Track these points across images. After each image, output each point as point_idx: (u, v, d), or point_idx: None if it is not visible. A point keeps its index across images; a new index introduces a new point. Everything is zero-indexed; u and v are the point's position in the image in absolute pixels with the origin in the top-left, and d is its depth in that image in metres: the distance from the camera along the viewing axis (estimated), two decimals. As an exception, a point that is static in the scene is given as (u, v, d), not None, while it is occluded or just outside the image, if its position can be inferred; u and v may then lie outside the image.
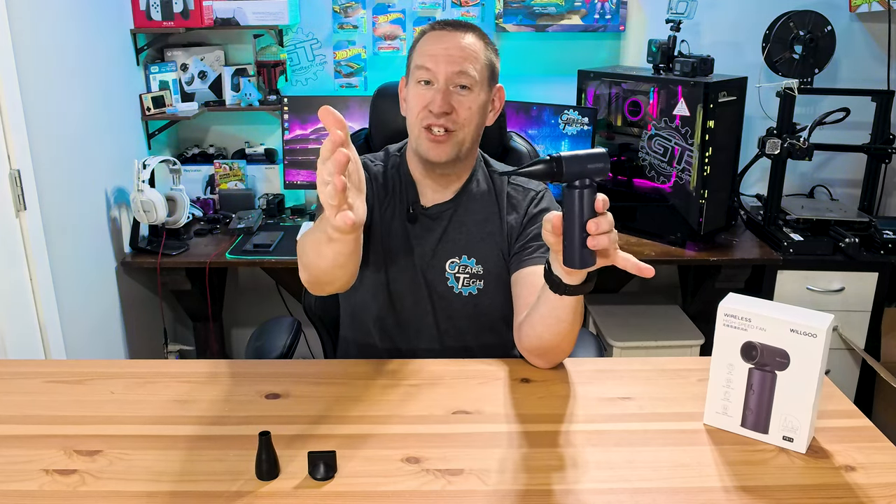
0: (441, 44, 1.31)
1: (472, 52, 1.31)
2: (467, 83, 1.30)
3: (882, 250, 2.32)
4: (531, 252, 1.31)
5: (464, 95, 1.30)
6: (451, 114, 1.30)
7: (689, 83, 2.22)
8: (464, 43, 1.31)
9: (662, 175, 2.34)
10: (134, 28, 2.46)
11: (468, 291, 1.34)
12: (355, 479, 0.91)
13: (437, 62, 1.30)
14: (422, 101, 1.31)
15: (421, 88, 1.31)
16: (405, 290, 1.35)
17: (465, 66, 1.30)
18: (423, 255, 1.35)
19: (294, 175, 2.62)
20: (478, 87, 1.32)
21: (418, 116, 1.31)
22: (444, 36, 1.33)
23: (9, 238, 1.79)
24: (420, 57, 1.33)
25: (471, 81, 1.30)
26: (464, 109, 1.31)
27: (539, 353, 1.20)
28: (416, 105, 1.32)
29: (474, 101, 1.32)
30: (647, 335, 2.48)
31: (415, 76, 1.33)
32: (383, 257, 1.35)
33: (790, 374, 0.96)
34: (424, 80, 1.31)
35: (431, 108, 1.29)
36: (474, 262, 1.35)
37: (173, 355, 2.65)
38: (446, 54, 1.30)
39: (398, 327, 1.36)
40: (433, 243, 1.35)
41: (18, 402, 1.09)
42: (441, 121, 1.30)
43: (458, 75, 1.29)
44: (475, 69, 1.31)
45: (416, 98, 1.32)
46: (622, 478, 0.92)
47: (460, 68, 1.29)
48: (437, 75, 1.30)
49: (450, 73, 1.29)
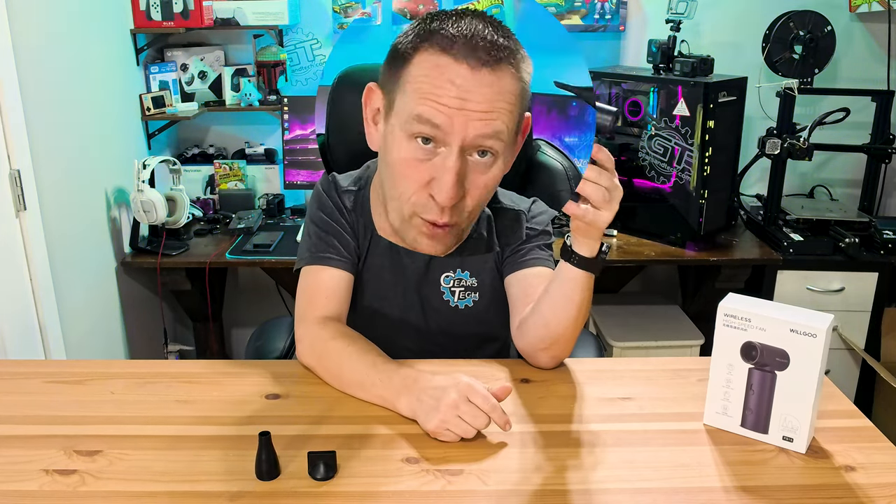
0: (456, 84, 0.90)
1: (508, 98, 0.92)
2: (494, 148, 0.94)
3: (882, 250, 2.32)
4: (524, 254, 1.24)
5: (484, 168, 0.96)
6: (464, 200, 0.97)
7: (689, 83, 2.22)
8: (498, 83, 0.91)
9: (662, 175, 2.34)
10: (134, 28, 2.46)
11: (464, 304, 1.27)
12: (355, 479, 0.91)
13: (452, 119, 0.90)
14: (417, 173, 0.96)
15: (417, 149, 0.94)
16: (400, 312, 1.26)
17: (496, 125, 0.92)
18: (416, 271, 1.24)
19: (294, 175, 2.62)
20: (505, 150, 0.96)
21: (411, 198, 0.98)
22: (461, 72, 0.90)
23: (9, 238, 1.79)
24: (420, 97, 0.91)
25: (500, 146, 0.94)
26: (478, 191, 0.96)
27: (542, 346, 1.14)
28: (408, 176, 0.96)
29: (497, 173, 0.97)
30: (647, 335, 2.49)
31: (408, 125, 0.94)
32: (375, 285, 1.25)
33: (790, 374, 0.96)
34: (423, 138, 0.94)
35: (437, 196, 0.94)
36: (468, 274, 1.26)
37: (173, 355, 2.65)
38: (466, 107, 0.90)
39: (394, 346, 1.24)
40: (426, 258, 1.23)
41: (18, 402, 1.09)
42: (448, 216, 0.98)
43: (484, 138, 0.92)
44: (510, 124, 0.94)
45: (407, 166, 0.95)
46: (622, 478, 0.92)
47: (490, 130, 0.91)
48: (449, 137, 0.91)
49: (470, 137, 0.92)
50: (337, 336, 1.14)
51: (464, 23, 0.94)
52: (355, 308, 1.27)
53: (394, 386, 1.04)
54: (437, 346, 1.29)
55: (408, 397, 1.02)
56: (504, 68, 0.93)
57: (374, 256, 1.25)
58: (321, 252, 1.21)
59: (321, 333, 1.15)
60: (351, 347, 1.11)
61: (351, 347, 1.11)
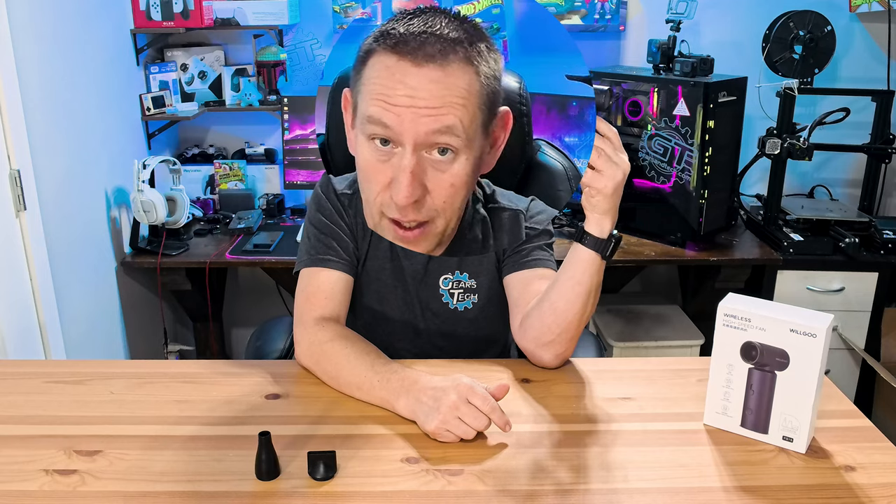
0: (405, 83, 0.89)
1: (458, 92, 0.90)
2: (451, 144, 0.92)
3: (882, 250, 2.32)
4: (525, 255, 1.22)
5: (444, 165, 0.94)
6: (424, 198, 0.96)
7: (689, 83, 2.22)
8: (446, 79, 0.89)
9: (662, 175, 2.34)
10: (134, 28, 2.46)
11: (463, 307, 1.26)
12: (355, 479, 0.91)
13: (402, 117, 0.89)
14: (379, 175, 0.95)
15: (376, 150, 0.94)
16: (400, 314, 1.27)
17: (446, 119, 0.90)
18: (414, 273, 1.25)
19: (294, 175, 2.62)
20: (467, 146, 0.94)
21: (377, 199, 0.98)
22: (408, 70, 0.89)
23: (9, 238, 1.79)
24: (372, 98, 0.91)
25: (457, 142, 0.92)
26: (443, 189, 0.95)
27: (548, 338, 1.11)
28: (371, 178, 0.96)
29: (460, 170, 0.95)
30: (647, 335, 2.49)
31: (364, 127, 0.93)
32: (375, 288, 1.26)
33: (790, 374, 0.96)
34: (381, 139, 0.93)
35: (394, 197, 0.94)
36: (467, 276, 1.25)
37: (173, 355, 2.65)
38: (414, 105, 0.89)
39: (393, 348, 1.24)
40: (424, 260, 1.23)
41: (18, 402, 1.09)
42: (411, 215, 0.97)
43: (436, 134, 0.91)
44: (464, 119, 0.91)
45: (370, 167, 0.95)
46: (622, 478, 0.92)
47: (439, 125, 0.90)
48: (401, 136, 0.91)
49: (422, 135, 0.90)
50: (335, 337, 1.14)
51: (417, 21, 0.93)
52: (355, 310, 1.27)
53: (392, 387, 1.04)
54: (436, 348, 1.29)
55: (407, 398, 1.01)
56: (453, 62, 0.91)
57: (374, 258, 1.25)
58: (320, 254, 1.22)
59: (319, 335, 1.15)
60: (349, 349, 1.11)
61: (349, 349, 1.11)
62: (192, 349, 2.79)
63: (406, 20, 0.94)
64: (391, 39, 0.92)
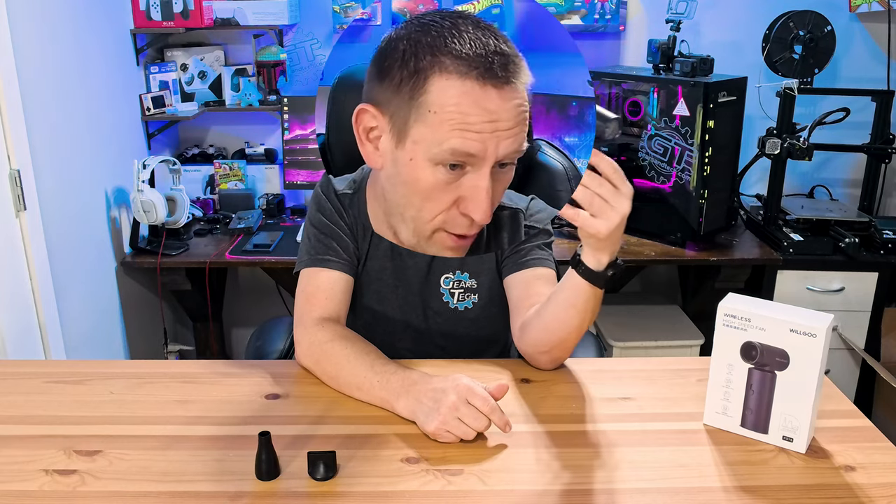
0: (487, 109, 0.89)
1: (525, 107, 0.92)
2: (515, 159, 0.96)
3: (882, 250, 2.32)
4: (524, 255, 1.22)
5: (503, 175, 0.96)
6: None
7: (689, 83, 2.22)
8: (518, 97, 0.90)
9: (662, 175, 2.34)
10: (134, 28, 2.46)
11: (464, 306, 1.26)
12: (355, 479, 0.91)
13: (485, 144, 0.90)
14: (445, 195, 0.95)
15: (446, 174, 0.93)
16: (400, 313, 1.27)
17: (521, 137, 0.92)
18: (417, 273, 1.25)
19: (294, 175, 2.62)
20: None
21: (437, 218, 0.98)
22: (491, 97, 0.88)
23: (9, 238, 1.79)
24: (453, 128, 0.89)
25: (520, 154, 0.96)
26: (499, 196, 0.97)
27: (542, 349, 1.14)
28: (434, 199, 0.96)
29: (511, 175, 0.98)
30: (647, 335, 2.49)
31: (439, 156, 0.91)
32: (375, 288, 1.26)
33: (790, 374, 0.96)
34: (452, 164, 0.93)
35: (474, 216, 0.94)
36: (467, 276, 1.26)
37: (173, 355, 2.65)
38: (497, 129, 0.89)
39: (394, 348, 1.23)
40: (427, 259, 1.24)
41: (18, 402, 1.09)
42: (475, 229, 0.99)
43: (514, 154, 0.93)
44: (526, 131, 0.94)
45: (435, 190, 0.94)
46: (622, 478, 0.92)
47: (517, 146, 0.92)
48: (482, 161, 0.91)
49: (501, 157, 0.92)
50: (335, 338, 1.14)
51: (467, 37, 0.90)
52: (355, 310, 1.27)
53: (392, 388, 1.04)
54: (437, 348, 1.29)
55: (407, 399, 1.02)
56: (520, 79, 0.92)
57: (374, 258, 1.25)
58: (320, 254, 1.22)
59: (319, 335, 1.15)
60: (349, 349, 1.11)
61: (349, 349, 1.11)
62: (192, 349, 2.79)
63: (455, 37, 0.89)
64: (456, 61, 0.89)
